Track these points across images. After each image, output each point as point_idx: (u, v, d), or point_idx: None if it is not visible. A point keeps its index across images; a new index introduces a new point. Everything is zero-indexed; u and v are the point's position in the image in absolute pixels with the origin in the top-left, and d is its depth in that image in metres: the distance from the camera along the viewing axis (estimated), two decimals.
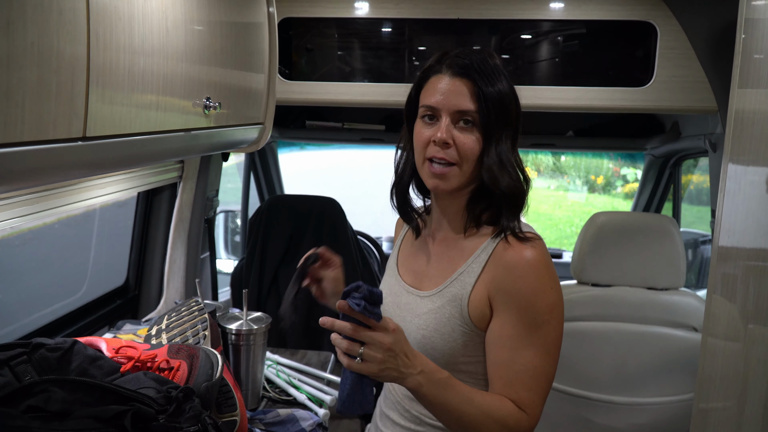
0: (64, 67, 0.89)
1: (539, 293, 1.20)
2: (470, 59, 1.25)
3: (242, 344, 1.61)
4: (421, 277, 1.37)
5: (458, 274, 1.28)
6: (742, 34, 1.20)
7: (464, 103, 1.23)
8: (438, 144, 1.24)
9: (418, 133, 1.29)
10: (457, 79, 1.24)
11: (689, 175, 4.08)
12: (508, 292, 1.21)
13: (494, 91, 1.23)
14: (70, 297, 2.45)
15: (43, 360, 1.16)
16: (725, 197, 1.24)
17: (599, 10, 2.21)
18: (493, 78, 1.24)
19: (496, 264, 1.24)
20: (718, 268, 1.27)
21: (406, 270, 1.43)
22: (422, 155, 1.27)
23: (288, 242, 2.67)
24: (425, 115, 1.27)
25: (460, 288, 1.27)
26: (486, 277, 1.25)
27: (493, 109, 1.22)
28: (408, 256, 1.44)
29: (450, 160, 1.24)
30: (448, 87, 1.24)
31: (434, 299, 1.30)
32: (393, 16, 2.33)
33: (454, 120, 1.24)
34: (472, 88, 1.23)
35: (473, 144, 1.24)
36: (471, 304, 1.25)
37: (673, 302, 2.19)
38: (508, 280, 1.22)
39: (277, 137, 3.28)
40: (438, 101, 1.25)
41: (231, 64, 1.56)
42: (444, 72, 1.26)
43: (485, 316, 1.24)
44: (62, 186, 1.56)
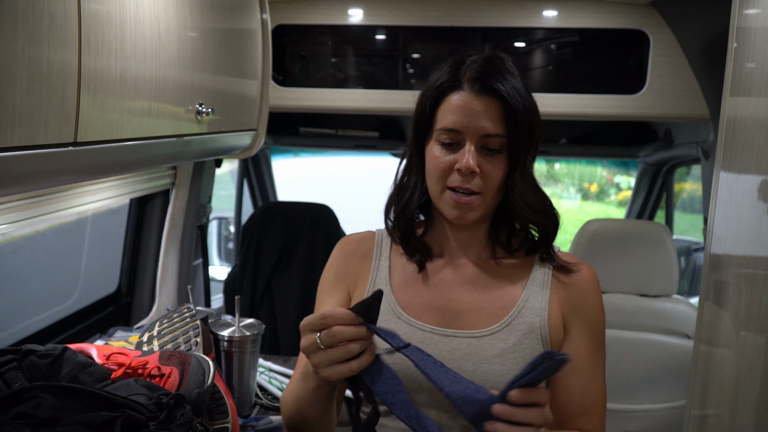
0: (55, 73, 0.89)
1: (602, 311, 1.19)
2: (492, 71, 1.09)
3: (234, 351, 1.60)
4: (455, 315, 1.16)
5: (523, 301, 1.14)
6: (734, 42, 1.21)
7: (492, 127, 1.08)
8: (464, 173, 1.08)
9: (434, 158, 1.11)
10: (483, 97, 1.08)
11: (682, 183, 4.10)
12: (583, 311, 1.16)
13: (522, 108, 1.09)
14: (62, 304, 2.43)
15: (34, 367, 1.15)
16: (717, 205, 1.24)
17: (592, 18, 2.22)
18: (519, 91, 1.10)
19: (564, 285, 1.16)
20: (710, 275, 1.27)
21: (418, 310, 1.17)
22: (441, 183, 1.11)
23: (281, 249, 2.66)
24: (444, 141, 1.11)
25: (533, 316, 1.13)
26: (556, 300, 1.15)
27: (522, 131, 1.09)
28: (413, 294, 1.19)
29: (474, 190, 1.09)
30: (473, 107, 1.08)
31: (504, 336, 1.12)
32: (387, 24, 2.33)
33: (478, 145, 1.09)
34: (500, 108, 1.08)
35: (500, 172, 1.10)
36: (552, 331, 1.13)
37: (665, 309, 2.20)
38: (582, 300, 1.16)
39: (271, 144, 3.28)
40: (461, 124, 1.08)
41: (224, 70, 1.56)
42: (466, 89, 1.09)
43: (561, 341, 1.15)
44: (54, 192, 1.55)
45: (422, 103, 1.15)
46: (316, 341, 0.93)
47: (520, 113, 1.09)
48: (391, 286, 1.20)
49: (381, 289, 0.97)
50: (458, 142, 1.10)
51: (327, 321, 0.93)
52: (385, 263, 1.23)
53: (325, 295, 1.25)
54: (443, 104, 1.11)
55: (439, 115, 1.12)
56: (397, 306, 1.17)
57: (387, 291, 1.19)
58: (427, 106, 1.13)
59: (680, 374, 2.14)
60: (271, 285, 2.67)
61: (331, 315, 0.93)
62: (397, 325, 1.15)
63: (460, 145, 1.09)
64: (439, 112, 1.12)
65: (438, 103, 1.12)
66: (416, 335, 1.14)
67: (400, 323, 1.15)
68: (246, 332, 1.61)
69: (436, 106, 1.12)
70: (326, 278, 1.27)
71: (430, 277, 1.20)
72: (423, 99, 1.16)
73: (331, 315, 0.93)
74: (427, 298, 1.17)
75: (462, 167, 1.07)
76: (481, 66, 1.10)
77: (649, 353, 2.18)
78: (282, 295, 2.65)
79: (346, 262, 1.26)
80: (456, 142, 1.10)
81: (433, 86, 1.13)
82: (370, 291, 1.20)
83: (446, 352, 1.12)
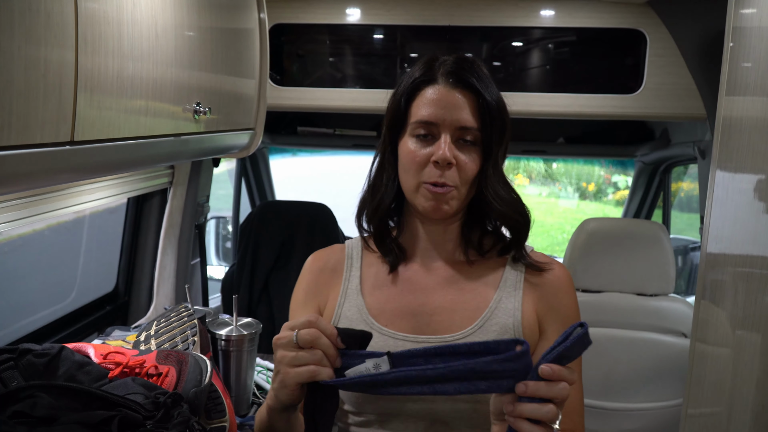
0: (51, 71, 0.89)
1: (577, 309, 1.18)
2: (465, 67, 1.12)
3: (232, 350, 1.60)
4: (428, 319, 1.15)
5: (496, 302, 1.15)
6: (730, 42, 1.21)
7: (467, 119, 1.09)
8: (441, 165, 1.09)
9: (409, 152, 1.12)
10: (458, 90, 1.10)
11: (679, 183, 4.10)
12: (557, 311, 1.16)
13: (495, 103, 1.11)
14: (60, 303, 2.43)
15: (30, 366, 1.15)
16: (713, 204, 1.25)
17: (589, 18, 2.22)
18: (492, 88, 1.12)
19: (537, 285, 1.17)
20: (707, 274, 1.28)
21: (390, 317, 1.16)
22: (417, 178, 1.11)
23: (279, 248, 2.66)
24: (419, 131, 1.11)
25: (506, 317, 1.13)
26: (530, 300, 1.15)
27: (495, 125, 1.11)
28: (385, 300, 1.18)
29: (450, 184, 1.10)
30: (448, 99, 1.10)
31: (477, 338, 1.12)
32: (384, 23, 2.33)
33: (453, 137, 1.10)
34: (474, 102, 1.10)
35: (474, 165, 1.11)
36: (525, 331, 1.13)
37: (662, 308, 2.20)
38: (555, 300, 1.16)
39: (269, 143, 3.28)
40: (437, 116, 1.09)
41: (221, 69, 1.56)
42: (440, 82, 1.11)
43: (536, 341, 1.15)
44: (51, 191, 1.55)
45: (396, 100, 1.16)
46: (293, 337, 0.94)
47: (493, 108, 1.11)
48: (363, 294, 1.19)
49: (371, 333, 0.98)
50: (433, 134, 1.11)
51: (311, 324, 0.95)
52: (356, 273, 1.22)
53: (296, 314, 1.25)
54: (418, 98, 1.12)
55: (414, 109, 1.13)
56: (368, 315, 1.17)
57: (358, 300, 1.19)
58: (401, 102, 1.14)
59: (677, 373, 2.15)
60: (268, 284, 2.67)
61: (317, 321, 0.95)
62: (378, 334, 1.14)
63: (435, 137, 1.10)
64: (414, 106, 1.13)
65: (412, 98, 1.13)
66: (388, 344, 1.13)
67: (372, 332, 1.12)
68: (243, 331, 1.61)
69: (411, 100, 1.13)
70: (296, 297, 1.27)
71: (403, 281, 1.19)
72: (396, 96, 1.16)
73: (317, 321, 0.95)
74: (399, 303, 1.17)
75: (439, 158, 1.08)
76: (454, 63, 1.12)
77: (645, 352, 2.19)
78: (279, 294, 2.66)
79: (315, 278, 1.25)
80: (431, 135, 1.11)
81: (408, 82, 1.14)
82: (342, 304, 1.20)
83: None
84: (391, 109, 1.17)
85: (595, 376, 2.23)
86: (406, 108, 1.14)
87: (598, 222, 2.31)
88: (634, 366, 2.20)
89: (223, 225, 3.72)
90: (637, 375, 2.20)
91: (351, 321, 1.17)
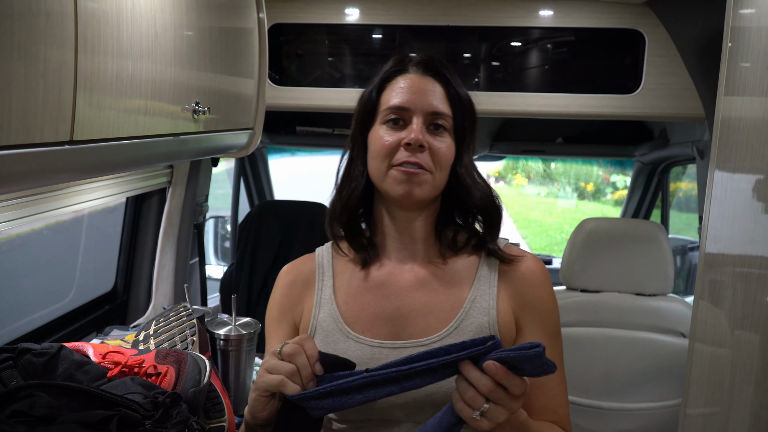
0: (51, 71, 0.89)
1: (553, 301, 1.18)
2: (435, 59, 1.14)
3: (231, 350, 1.60)
4: (403, 323, 1.14)
5: (470, 302, 1.13)
6: (728, 42, 1.21)
7: (438, 105, 1.10)
8: (412, 146, 1.07)
9: (379, 138, 1.11)
10: (429, 77, 1.12)
11: (678, 183, 4.11)
12: (532, 305, 1.15)
13: (464, 93, 1.13)
14: (58, 302, 2.43)
15: (29, 365, 1.15)
16: (712, 204, 1.25)
17: (588, 18, 2.23)
18: (460, 81, 1.14)
19: (511, 279, 1.15)
20: (705, 274, 1.28)
21: (365, 324, 1.15)
22: (386, 162, 1.10)
23: (278, 248, 2.66)
24: (390, 117, 1.11)
25: (481, 316, 1.12)
26: (505, 296, 1.14)
27: (466, 114, 1.13)
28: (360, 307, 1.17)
29: (424, 166, 1.08)
30: (420, 85, 1.11)
31: (453, 340, 1.10)
32: (383, 23, 2.33)
33: (425, 122, 1.10)
34: (445, 89, 1.12)
35: (448, 150, 1.11)
36: (501, 329, 1.12)
37: (661, 308, 2.20)
38: (531, 293, 1.15)
39: (268, 143, 3.28)
40: (409, 100, 1.09)
41: (220, 69, 1.56)
42: (411, 71, 1.13)
43: (512, 337, 1.14)
44: (50, 190, 1.55)
45: (367, 93, 1.17)
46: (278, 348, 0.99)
47: (463, 96, 1.13)
48: (337, 303, 1.18)
49: (355, 364, 1.00)
50: (405, 119, 1.10)
51: (299, 341, 0.99)
52: (328, 282, 1.21)
53: (271, 329, 1.25)
54: (389, 87, 1.13)
55: (385, 98, 1.13)
56: (344, 325, 1.15)
57: (333, 309, 1.17)
58: (373, 94, 1.15)
59: (675, 373, 2.15)
60: (267, 284, 2.67)
61: (305, 340, 0.99)
62: (346, 345, 1.14)
63: (407, 122, 1.10)
64: (385, 95, 1.13)
65: (383, 89, 1.14)
66: (365, 352, 1.12)
67: (349, 342, 1.14)
68: (242, 331, 1.61)
69: (381, 91, 1.14)
70: (270, 312, 1.26)
71: (376, 286, 1.18)
72: (368, 90, 1.17)
73: (305, 340, 0.99)
74: (373, 309, 1.16)
75: (411, 140, 1.07)
76: (423, 57, 1.15)
77: (644, 352, 2.19)
78: None
79: (288, 293, 1.24)
80: (403, 120, 1.11)
81: (378, 77, 1.16)
82: (317, 315, 1.19)
83: None
84: (362, 102, 1.17)
85: (593, 375, 2.23)
86: (377, 98, 1.14)
87: (597, 222, 2.31)
88: (632, 366, 2.20)
89: (222, 225, 3.72)
90: (635, 375, 2.21)
91: (327, 332, 1.16)
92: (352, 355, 1.12)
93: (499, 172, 14.10)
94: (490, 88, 2.36)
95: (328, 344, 1.16)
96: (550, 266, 3.83)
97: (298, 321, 1.22)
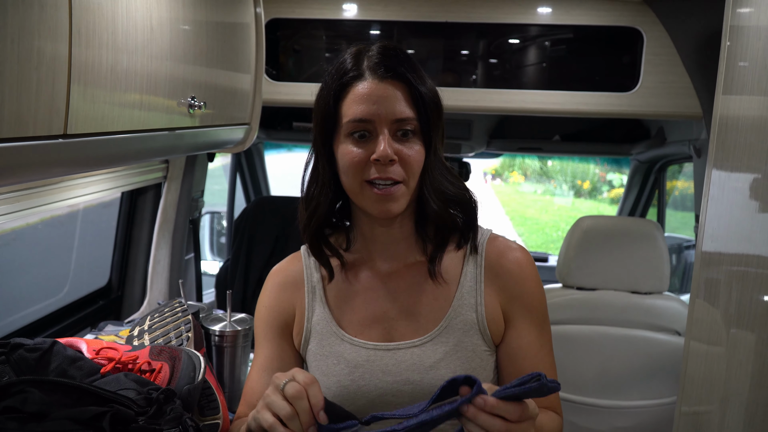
0: (45, 64, 0.88)
1: (540, 290, 1.17)
2: (391, 55, 1.07)
3: (226, 346, 1.60)
4: (394, 325, 1.15)
5: (458, 300, 1.13)
6: (727, 41, 1.21)
7: (402, 110, 1.05)
8: (382, 163, 1.04)
9: (347, 153, 1.07)
10: (388, 82, 1.06)
11: (674, 181, 4.11)
12: (521, 298, 1.14)
13: (428, 89, 1.08)
14: (52, 297, 2.42)
15: (22, 360, 1.14)
16: (709, 203, 1.25)
17: (586, 15, 2.22)
18: (420, 73, 1.08)
19: (498, 274, 1.15)
20: (702, 272, 1.28)
21: (358, 327, 1.16)
22: (359, 179, 1.07)
23: (274, 244, 2.65)
24: (355, 132, 1.06)
25: (470, 313, 1.13)
26: (492, 290, 1.14)
27: (431, 112, 1.08)
28: (351, 311, 1.17)
29: (396, 179, 1.06)
30: (379, 93, 1.05)
31: (444, 339, 1.12)
32: (381, 19, 2.32)
33: (391, 131, 1.06)
34: (407, 91, 1.06)
35: (418, 155, 1.07)
36: (490, 324, 1.13)
37: (656, 306, 2.20)
38: (517, 286, 1.14)
39: (264, 138, 3.27)
40: (371, 112, 1.05)
41: (217, 63, 1.55)
42: (368, 76, 1.06)
43: (501, 331, 1.14)
44: (44, 184, 1.54)
45: (324, 100, 1.10)
46: (282, 382, 0.92)
47: (426, 94, 1.07)
48: (329, 307, 1.18)
49: (358, 421, 0.94)
50: (370, 131, 1.06)
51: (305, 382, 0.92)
52: (318, 284, 1.20)
53: (260, 331, 1.24)
54: (347, 96, 1.07)
55: (345, 109, 1.07)
56: (338, 328, 1.16)
57: (325, 313, 1.17)
58: (330, 102, 1.08)
59: (671, 371, 2.15)
60: (263, 280, 2.64)
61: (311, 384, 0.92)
62: (341, 347, 1.14)
63: (372, 134, 1.06)
64: (344, 105, 1.07)
65: (341, 97, 1.08)
66: (361, 354, 1.13)
67: (344, 344, 1.14)
68: (237, 327, 1.60)
69: (340, 100, 1.08)
70: (259, 313, 1.25)
71: (364, 289, 1.17)
72: (324, 95, 1.10)
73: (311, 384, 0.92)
74: (365, 313, 1.16)
75: (379, 156, 1.04)
76: (379, 53, 1.08)
77: (639, 350, 2.19)
78: None
79: (277, 295, 1.23)
80: (368, 132, 1.06)
81: (334, 80, 1.09)
82: (310, 318, 1.18)
83: (392, 366, 1.12)
84: (320, 110, 1.11)
85: (589, 373, 2.23)
86: (335, 107, 1.08)
87: (593, 220, 2.31)
88: (628, 364, 2.20)
89: (218, 220, 3.72)
90: (631, 373, 2.21)
91: (322, 335, 1.16)
92: (348, 357, 1.13)
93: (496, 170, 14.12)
94: (488, 85, 2.36)
95: (324, 347, 1.16)
96: (546, 264, 3.84)
97: (291, 322, 1.22)
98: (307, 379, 0.92)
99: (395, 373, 1.11)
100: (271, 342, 1.22)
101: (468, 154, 3.26)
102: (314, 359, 1.18)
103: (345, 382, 1.13)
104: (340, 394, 1.13)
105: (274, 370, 1.18)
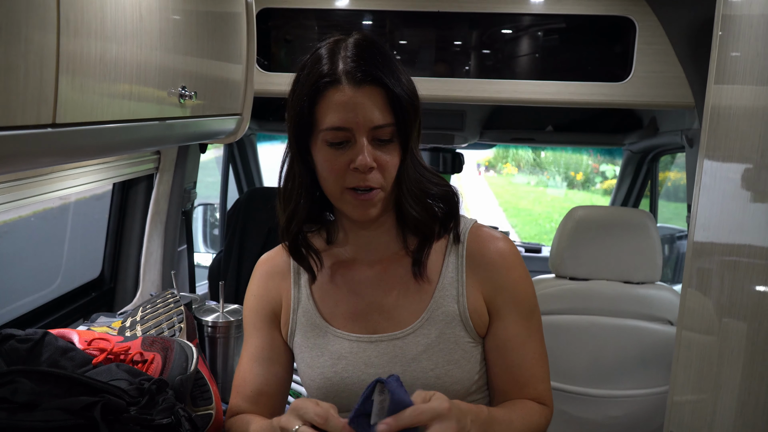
0: (32, 53, 0.87)
1: (526, 279, 1.17)
2: (368, 56, 1.04)
3: (219, 337, 1.60)
4: (377, 317, 1.16)
5: (440, 291, 1.14)
6: (719, 30, 1.21)
7: (380, 117, 1.03)
8: (362, 171, 1.04)
9: (326, 160, 1.06)
10: (365, 87, 1.03)
11: (666, 172, 4.13)
12: (506, 289, 1.14)
13: (405, 93, 1.05)
14: (45, 289, 2.41)
15: (13, 351, 1.14)
16: (701, 192, 1.25)
17: (579, 5, 2.22)
18: (398, 75, 1.06)
19: (480, 265, 1.14)
20: (694, 262, 1.28)
21: (342, 320, 1.17)
22: (339, 185, 1.07)
23: (267, 235, 2.65)
24: (332, 140, 1.05)
25: (451, 304, 1.13)
26: (474, 282, 1.14)
27: (409, 116, 1.06)
28: (335, 303, 1.19)
29: (375, 185, 1.06)
30: (356, 100, 1.02)
31: (426, 331, 1.12)
32: (373, 8, 2.31)
33: (369, 138, 1.04)
34: (384, 96, 1.04)
35: (396, 160, 1.07)
36: (473, 315, 1.13)
37: (649, 296, 2.21)
38: (500, 277, 1.14)
39: (257, 129, 3.26)
40: (349, 120, 1.03)
41: (207, 53, 1.54)
42: (344, 82, 1.03)
43: (485, 322, 1.14)
44: (34, 175, 1.53)
45: (299, 102, 1.07)
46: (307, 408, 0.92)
47: (404, 98, 1.05)
48: (314, 300, 1.19)
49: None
50: (348, 139, 1.05)
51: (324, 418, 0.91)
52: (304, 277, 1.21)
53: (249, 320, 1.25)
54: (323, 102, 1.04)
55: (321, 115, 1.05)
56: (323, 321, 1.17)
57: (310, 305, 1.19)
58: (305, 105, 1.06)
59: (663, 360, 2.16)
60: None
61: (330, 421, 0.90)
62: (326, 339, 1.16)
63: (350, 142, 1.05)
64: (320, 111, 1.05)
65: (316, 101, 1.05)
66: (344, 346, 1.15)
67: (329, 336, 1.16)
68: (230, 318, 1.60)
69: (315, 104, 1.05)
70: (248, 303, 1.26)
71: (348, 282, 1.18)
72: (298, 96, 1.08)
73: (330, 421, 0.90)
74: (348, 305, 1.17)
75: (359, 165, 1.03)
76: (356, 53, 1.05)
77: (632, 339, 2.20)
78: None
79: (265, 284, 1.24)
80: (346, 140, 1.05)
81: (309, 83, 1.06)
82: (296, 309, 1.20)
83: (375, 358, 1.13)
84: (295, 112, 1.09)
85: (581, 363, 2.24)
86: (310, 112, 1.06)
87: (586, 210, 2.31)
88: (620, 353, 2.21)
89: (211, 212, 3.70)
90: (623, 362, 2.22)
91: (307, 327, 1.18)
92: (332, 349, 1.14)
93: (489, 161, 14.14)
94: (480, 75, 2.35)
95: (309, 339, 1.17)
96: (539, 255, 3.84)
97: (279, 311, 1.23)
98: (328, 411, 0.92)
99: (378, 365, 1.13)
100: (260, 331, 1.22)
101: (461, 144, 3.25)
102: (299, 351, 1.19)
103: (329, 373, 1.14)
104: (324, 386, 1.15)
105: (265, 359, 1.20)
